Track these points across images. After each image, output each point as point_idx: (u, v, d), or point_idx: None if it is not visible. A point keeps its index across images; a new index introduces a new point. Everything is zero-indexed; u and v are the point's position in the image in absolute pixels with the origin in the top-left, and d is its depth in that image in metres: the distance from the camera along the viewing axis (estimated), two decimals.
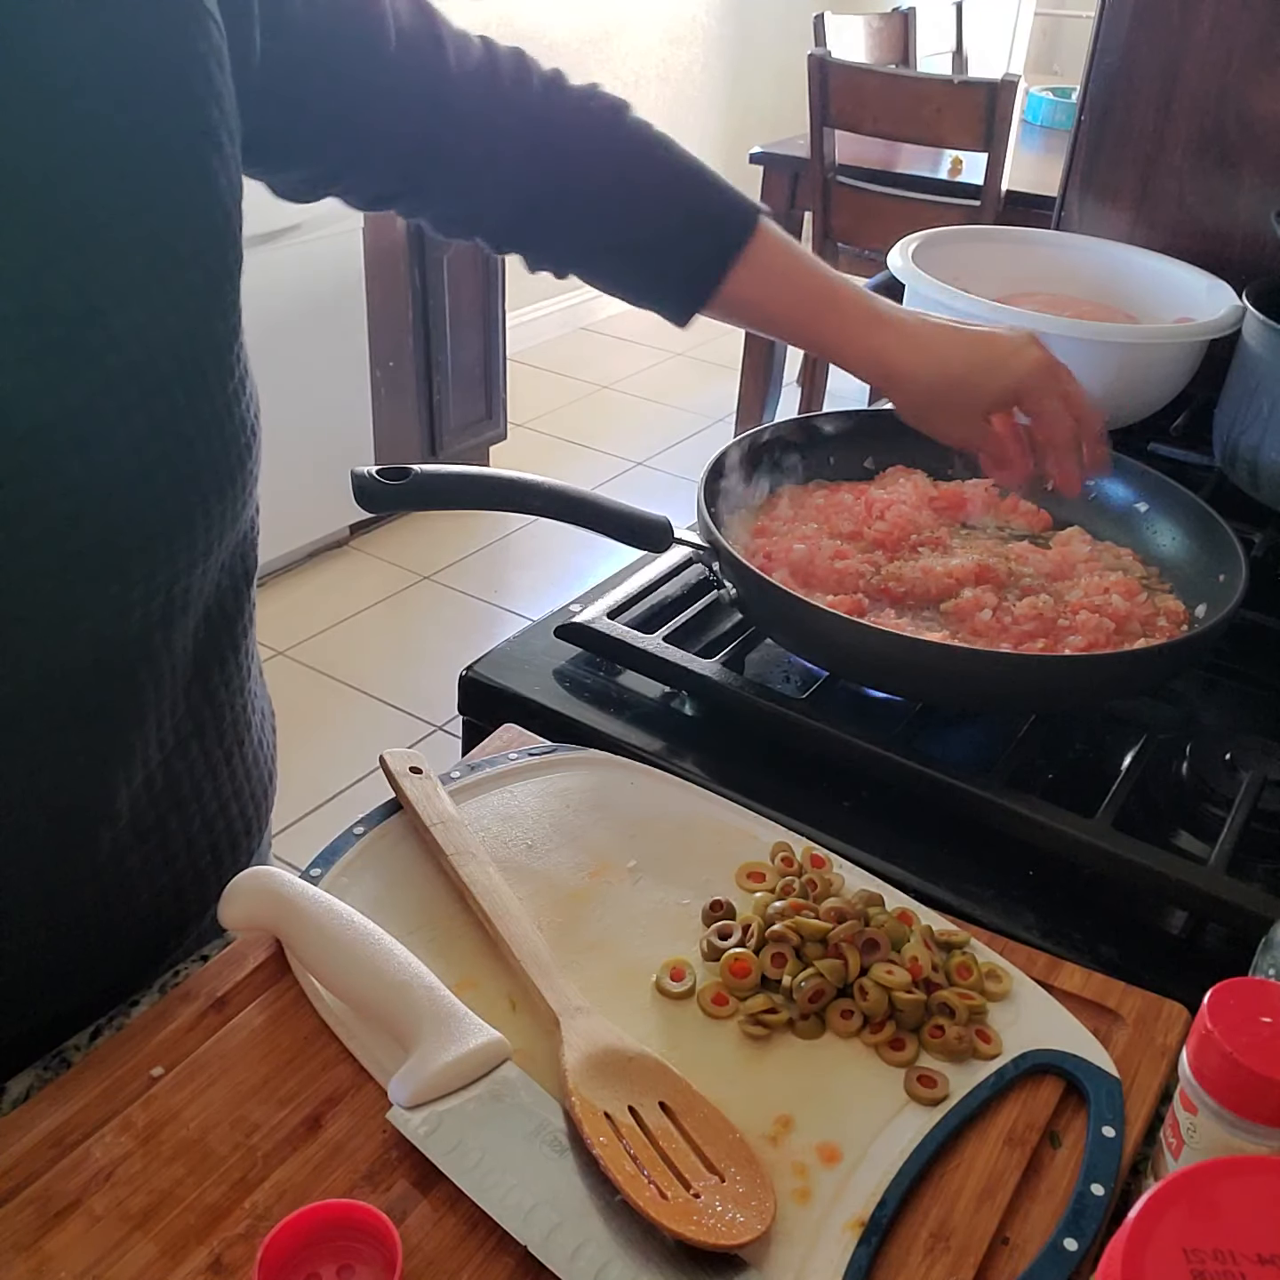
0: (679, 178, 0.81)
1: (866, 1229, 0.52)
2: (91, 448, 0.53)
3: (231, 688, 0.70)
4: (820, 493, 0.99)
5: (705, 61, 4.66)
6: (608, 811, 0.73)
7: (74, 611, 0.55)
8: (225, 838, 0.72)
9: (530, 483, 0.81)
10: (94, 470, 0.53)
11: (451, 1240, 0.51)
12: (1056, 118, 3.45)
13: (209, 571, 0.62)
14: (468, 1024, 0.57)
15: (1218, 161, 1.30)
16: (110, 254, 0.53)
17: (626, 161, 0.80)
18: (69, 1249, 0.50)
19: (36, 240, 0.51)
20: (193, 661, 0.65)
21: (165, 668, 0.62)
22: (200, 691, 0.67)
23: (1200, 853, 0.72)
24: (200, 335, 0.57)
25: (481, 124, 0.75)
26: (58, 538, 0.53)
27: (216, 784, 0.70)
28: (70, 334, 0.52)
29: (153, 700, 0.62)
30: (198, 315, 0.57)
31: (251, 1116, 0.55)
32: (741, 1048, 0.60)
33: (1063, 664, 0.79)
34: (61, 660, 0.56)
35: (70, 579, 0.54)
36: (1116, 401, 1.15)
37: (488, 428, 3.34)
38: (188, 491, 0.57)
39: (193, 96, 0.56)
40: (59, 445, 0.52)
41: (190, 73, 0.56)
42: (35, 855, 0.61)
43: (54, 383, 0.52)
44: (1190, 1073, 0.48)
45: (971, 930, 0.67)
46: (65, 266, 0.52)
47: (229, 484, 0.59)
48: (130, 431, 0.54)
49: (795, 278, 0.84)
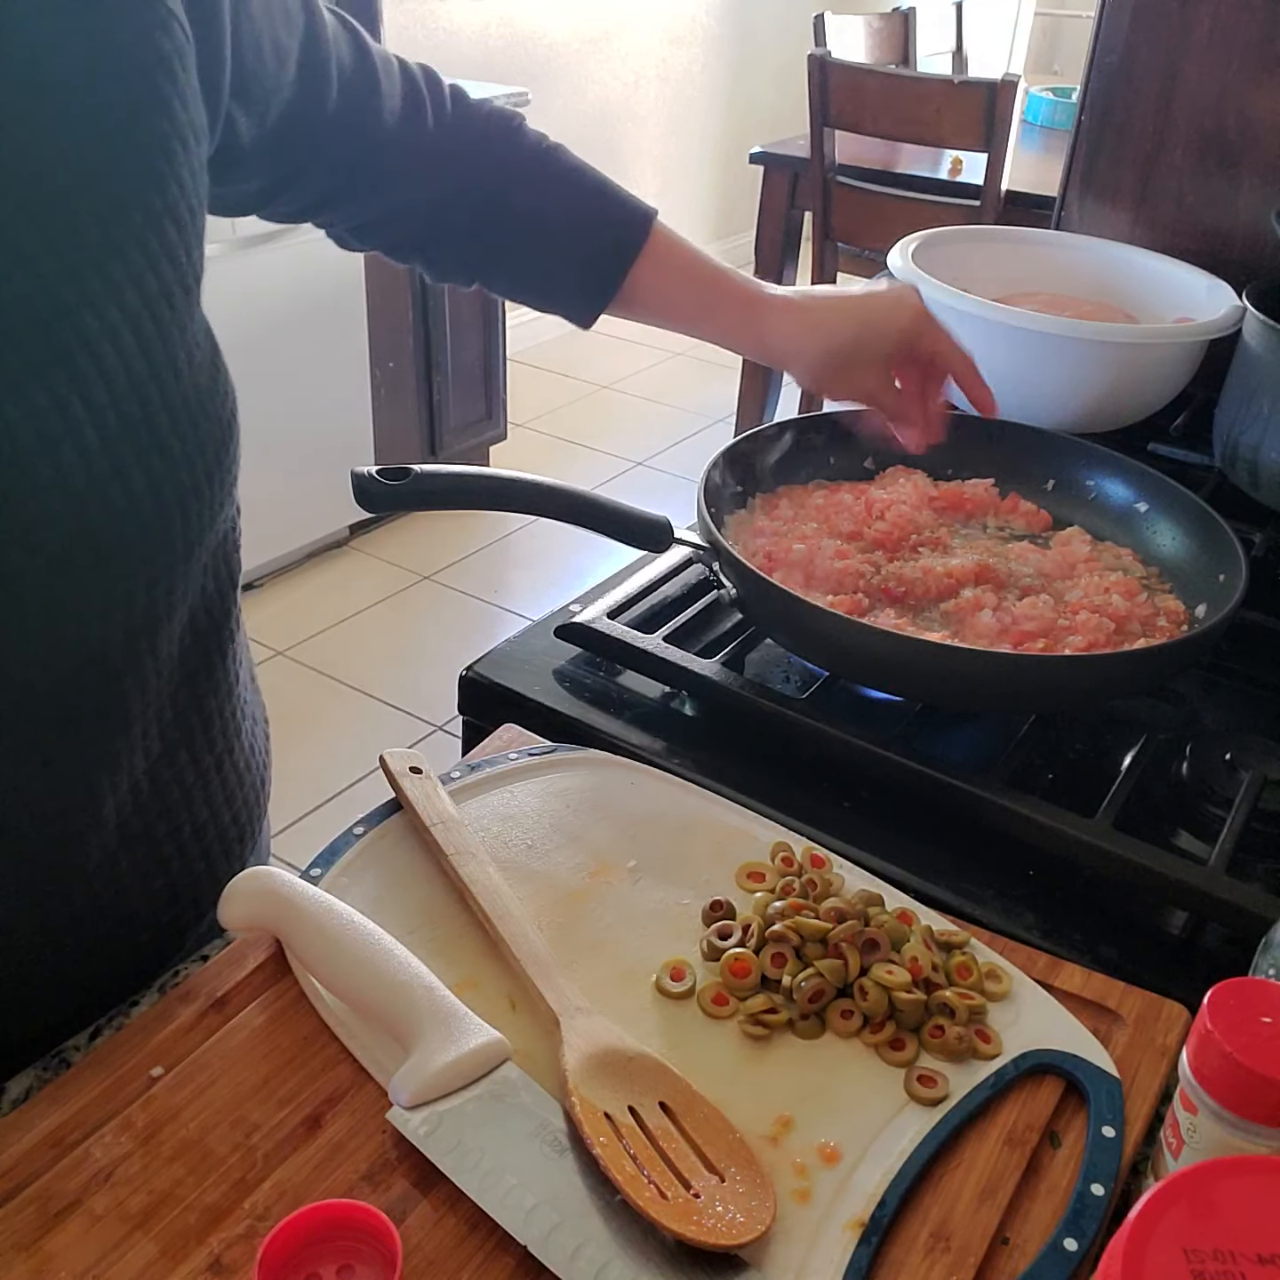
0: (577, 184, 0.84)
1: (866, 1229, 0.52)
2: (61, 448, 0.52)
3: (220, 694, 0.70)
4: (820, 493, 0.99)
5: (705, 61, 4.66)
6: (608, 811, 0.73)
7: (55, 614, 0.55)
8: (218, 844, 0.72)
9: (530, 483, 0.81)
10: (63, 471, 0.53)
11: (451, 1240, 0.51)
12: (1056, 118, 3.44)
13: (191, 574, 0.61)
14: (468, 1024, 0.57)
15: (1218, 161, 1.30)
16: (89, 253, 0.53)
17: (525, 169, 0.83)
18: (69, 1249, 0.50)
19: (11, 236, 0.51)
20: (179, 668, 0.65)
21: (151, 674, 0.62)
22: (188, 698, 0.67)
23: (1200, 853, 0.72)
24: (172, 337, 0.57)
25: (402, 150, 0.79)
26: (32, 539, 0.53)
27: (207, 791, 0.70)
28: (42, 333, 0.52)
29: (139, 707, 0.62)
30: (170, 319, 0.57)
31: (251, 1116, 0.55)
32: (741, 1048, 0.60)
33: (1063, 664, 0.79)
34: (45, 665, 0.56)
35: (48, 580, 0.54)
36: (1116, 401, 1.15)
37: (488, 428, 3.34)
38: (164, 491, 0.56)
39: (159, 96, 0.56)
40: (26, 446, 0.52)
41: (156, 73, 0.56)
42: (24, 859, 0.61)
43: (18, 383, 0.51)
44: (1190, 1073, 0.48)
45: (971, 930, 0.67)
46: (40, 266, 0.52)
47: (206, 483, 0.59)
48: (101, 432, 0.54)
49: (688, 273, 0.87)
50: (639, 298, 0.86)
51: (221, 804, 0.72)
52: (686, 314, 0.89)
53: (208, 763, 0.70)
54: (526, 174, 0.83)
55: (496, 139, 0.82)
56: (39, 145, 0.52)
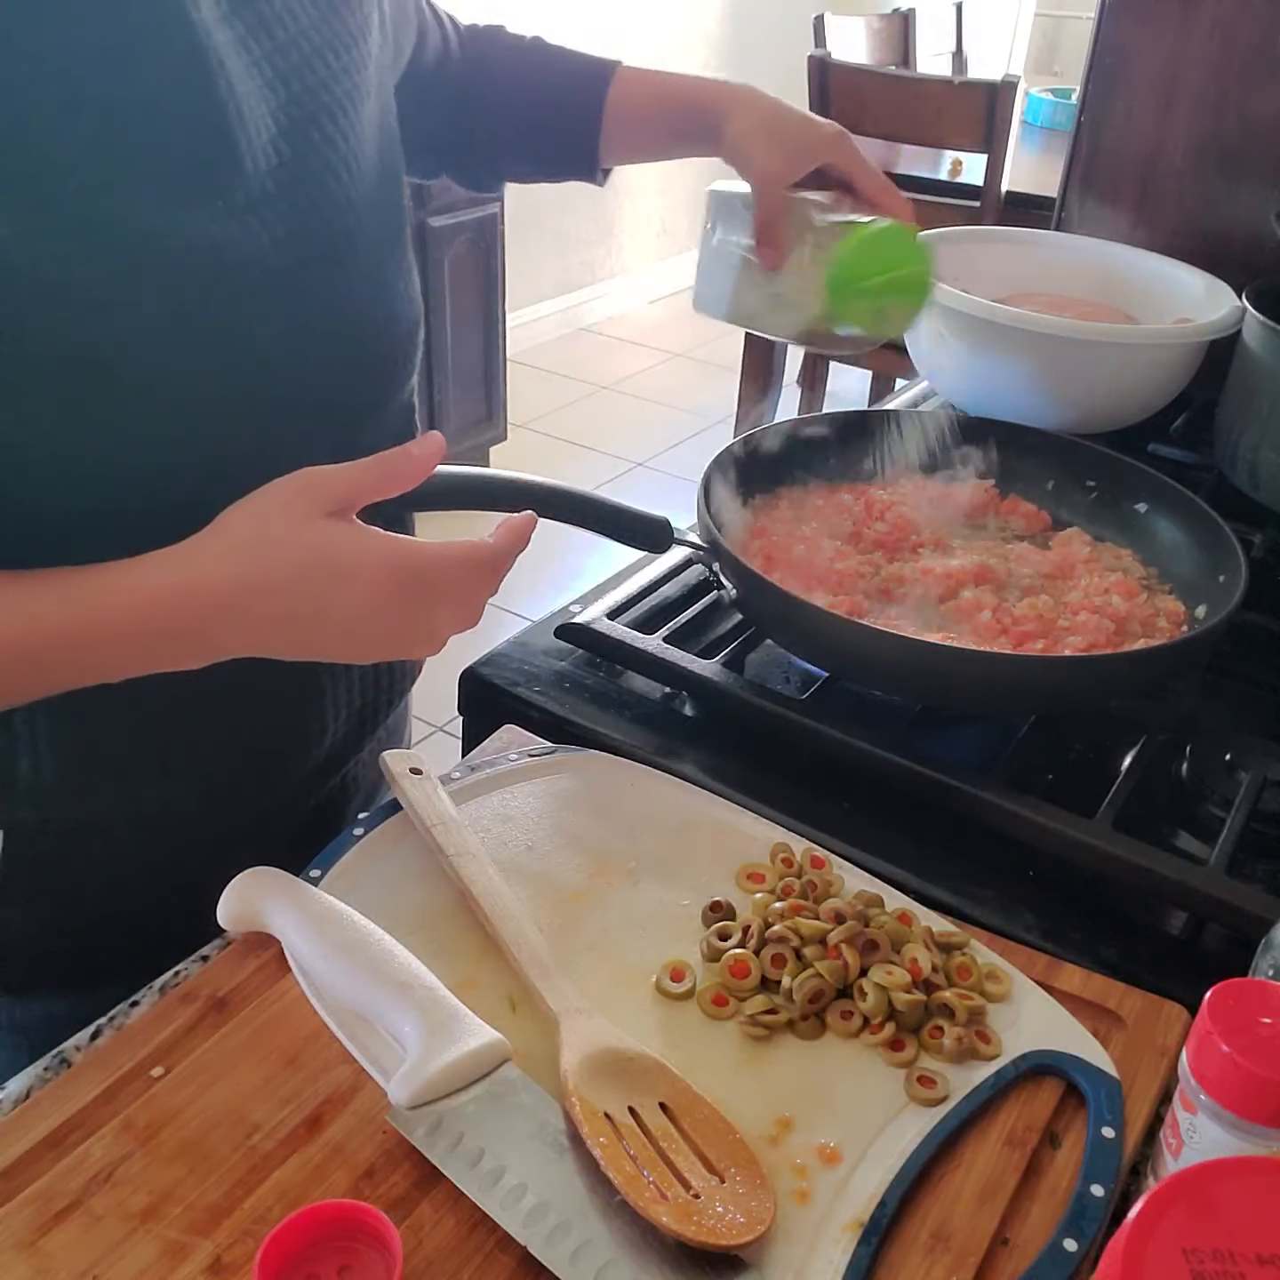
0: (542, 58, 0.96)
1: (866, 1229, 0.52)
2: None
3: None
4: (820, 493, 0.99)
5: (705, 61, 4.66)
6: (608, 812, 0.73)
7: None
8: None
9: (530, 483, 0.81)
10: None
11: (451, 1240, 0.51)
12: (1056, 118, 3.45)
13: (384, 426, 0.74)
14: (468, 1024, 0.57)
15: (1218, 162, 1.30)
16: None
17: (505, 61, 0.95)
18: (69, 1249, 0.50)
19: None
20: None
21: None
22: None
23: (1200, 853, 0.72)
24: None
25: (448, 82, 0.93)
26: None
27: None
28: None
29: None
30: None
31: (252, 1117, 0.55)
32: (741, 1048, 0.60)
33: (1063, 664, 0.79)
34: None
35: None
36: (1117, 401, 1.15)
37: (488, 428, 3.34)
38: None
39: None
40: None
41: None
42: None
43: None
44: (1190, 1073, 0.48)
45: (971, 931, 0.67)
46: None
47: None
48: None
49: (660, 96, 0.94)
50: (622, 130, 0.93)
51: None
52: (661, 137, 0.95)
53: None
54: (502, 63, 0.95)
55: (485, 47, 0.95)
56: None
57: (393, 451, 0.60)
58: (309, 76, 0.64)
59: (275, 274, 0.62)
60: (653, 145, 0.97)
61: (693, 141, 0.92)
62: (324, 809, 0.84)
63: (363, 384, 0.70)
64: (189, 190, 0.58)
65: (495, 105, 0.94)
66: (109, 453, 0.59)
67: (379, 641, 0.61)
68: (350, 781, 0.86)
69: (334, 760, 0.81)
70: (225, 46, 0.60)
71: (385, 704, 0.84)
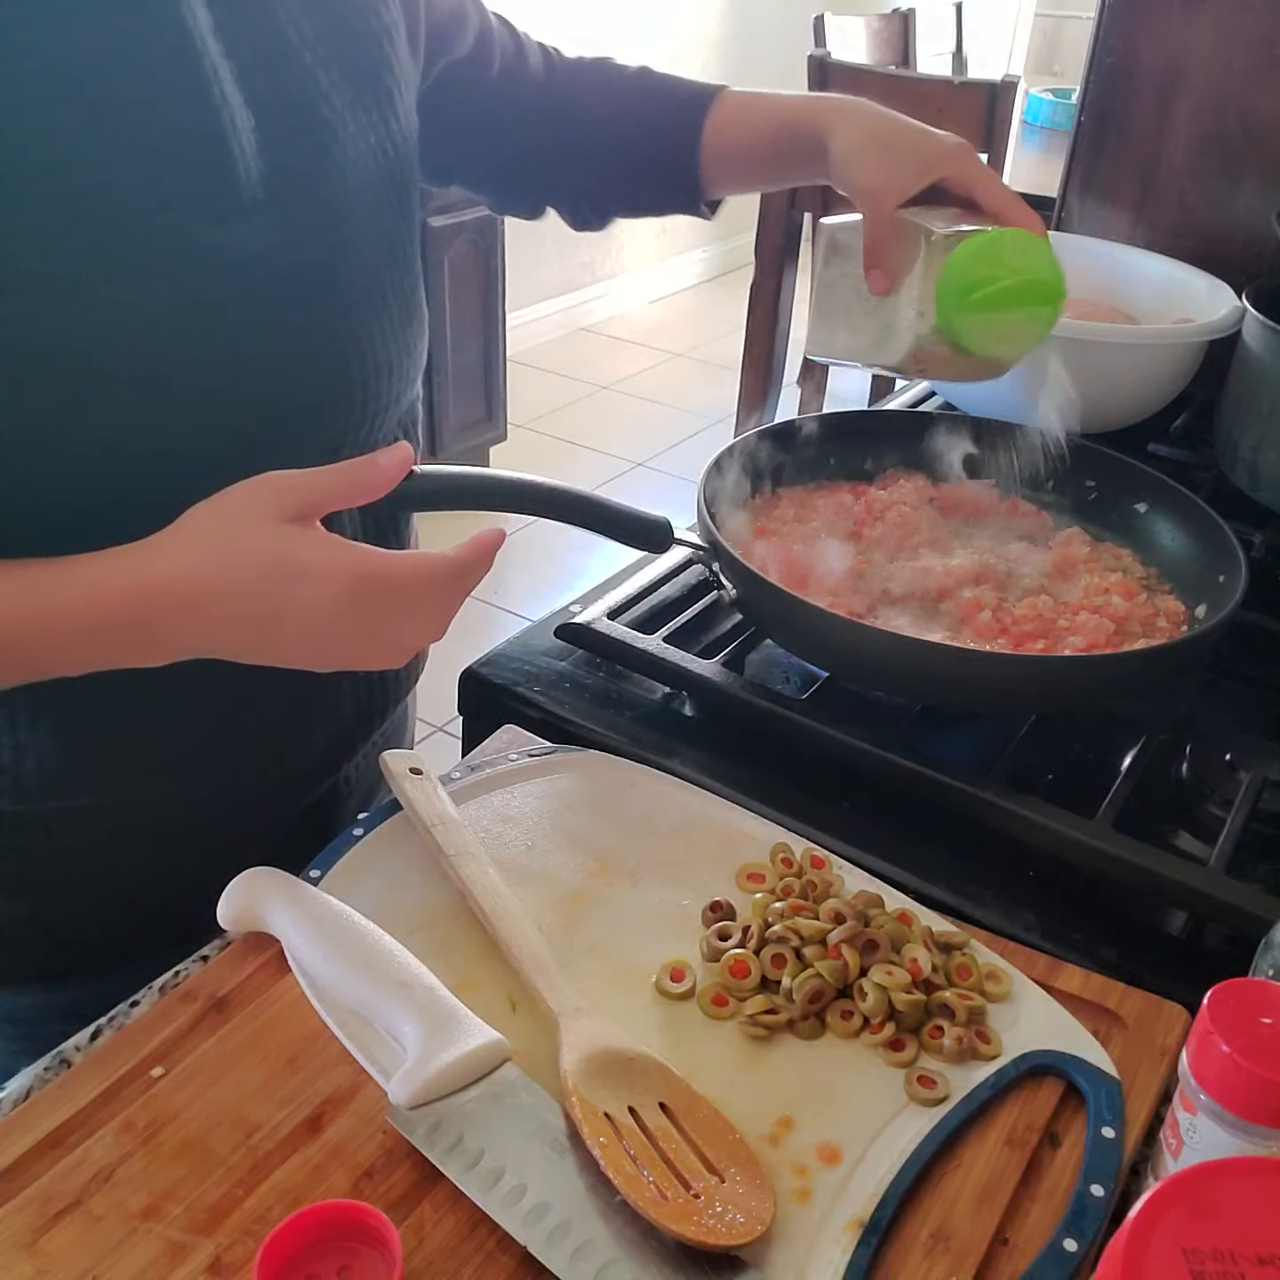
0: (641, 86, 0.90)
1: (866, 1229, 0.52)
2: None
3: None
4: (820, 493, 0.99)
5: (705, 62, 4.66)
6: (608, 812, 0.73)
7: None
8: None
9: (530, 483, 0.81)
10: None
11: (451, 1240, 0.51)
12: (1056, 118, 3.44)
13: (386, 424, 0.74)
14: (468, 1024, 0.57)
15: (1218, 162, 1.30)
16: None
17: (601, 93, 0.90)
18: (69, 1249, 0.50)
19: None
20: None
21: None
22: None
23: (1200, 853, 0.72)
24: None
25: (531, 110, 0.89)
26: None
27: None
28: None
29: None
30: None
31: (252, 1117, 0.55)
32: (741, 1048, 0.60)
33: (1063, 664, 0.79)
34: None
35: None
36: (1116, 402, 1.15)
37: (488, 429, 3.33)
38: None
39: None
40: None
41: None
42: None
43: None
44: (1190, 1073, 0.48)
45: (971, 931, 0.67)
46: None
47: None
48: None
49: (763, 118, 0.88)
50: (723, 159, 0.88)
51: None
52: (765, 160, 0.90)
53: None
54: (588, 97, 0.89)
55: (589, 75, 0.90)
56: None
57: (359, 460, 0.60)
58: (309, 88, 0.64)
59: (271, 278, 0.63)
60: (759, 170, 0.92)
61: (798, 162, 0.87)
62: (324, 809, 0.84)
63: (362, 387, 0.70)
64: (184, 192, 0.59)
65: (589, 140, 0.89)
66: (101, 449, 0.59)
67: (337, 649, 0.60)
68: (350, 782, 0.86)
69: (332, 761, 0.81)
70: (219, 55, 0.60)
71: (383, 706, 0.84)
